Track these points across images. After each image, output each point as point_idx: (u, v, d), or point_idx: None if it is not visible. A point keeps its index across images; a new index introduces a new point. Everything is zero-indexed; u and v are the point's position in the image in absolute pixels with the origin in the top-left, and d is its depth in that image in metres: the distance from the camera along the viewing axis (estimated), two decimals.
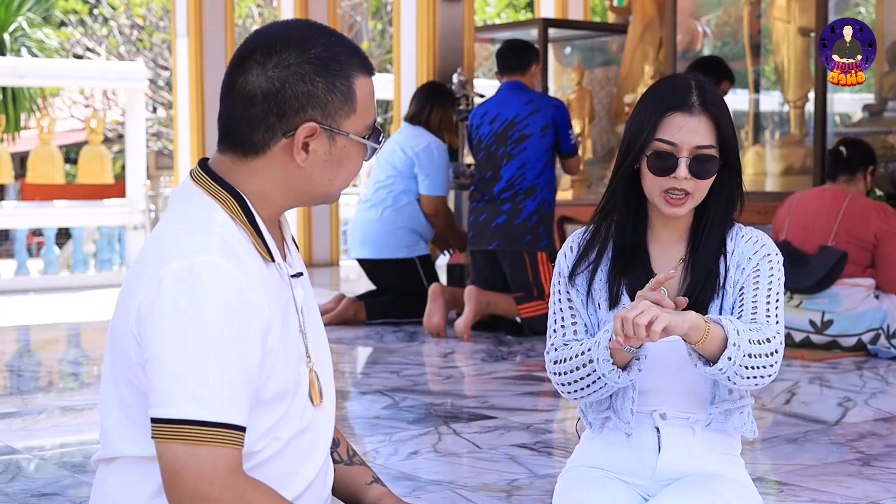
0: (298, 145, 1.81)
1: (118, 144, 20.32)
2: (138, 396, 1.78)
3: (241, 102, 1.82)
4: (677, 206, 2.23)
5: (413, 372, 5.33)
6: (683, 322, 2.06)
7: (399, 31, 8.42)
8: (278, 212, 1.89)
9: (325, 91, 1.81)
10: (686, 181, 2.21)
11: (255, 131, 1.82)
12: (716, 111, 2.23)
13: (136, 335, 1.75)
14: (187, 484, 1.69)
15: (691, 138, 2.21)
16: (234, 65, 1.84)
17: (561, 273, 2.34)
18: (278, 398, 1.83)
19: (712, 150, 2.22)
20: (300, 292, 1.90)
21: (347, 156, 1.86)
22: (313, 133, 1.82)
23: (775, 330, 2.20)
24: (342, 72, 1.82)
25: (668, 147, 2.21)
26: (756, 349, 2.13)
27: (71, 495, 3.15)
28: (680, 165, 2.20)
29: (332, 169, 1.86)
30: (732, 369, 2.11)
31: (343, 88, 1.82)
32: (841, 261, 5.55)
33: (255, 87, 1.80)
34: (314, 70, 1.81)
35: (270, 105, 1.80)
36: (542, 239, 6.25)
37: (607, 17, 11.97)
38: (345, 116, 1.83)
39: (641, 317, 2.01)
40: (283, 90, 1.80)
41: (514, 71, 6.41)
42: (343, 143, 1.84)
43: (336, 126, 1.83)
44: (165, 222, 1.85)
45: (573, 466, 2.36)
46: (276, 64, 1.80)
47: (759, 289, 2.23)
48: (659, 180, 2.22)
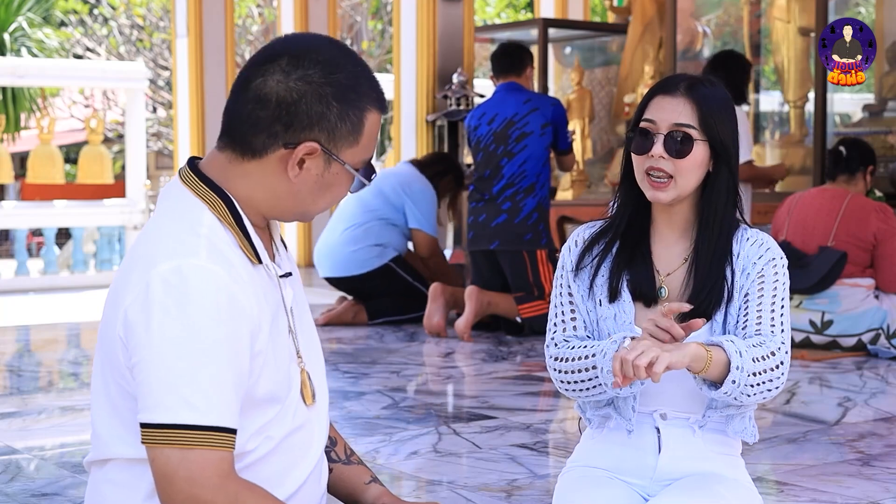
0: (295, 160, 1.82)
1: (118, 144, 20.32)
2: (127, 399, 1.78)
3: (253, 102, 1.82)
4: (659, 189, 2.22)
5: (413, 372, 5.33)
6: (684, 357, 2.06)
7: (399, 31, 8.42)
8: (262, 219, 1.89)
9: (337, 117, 1.82)
10: (663, 160, 2.20)
11: (258, 134, 1.82)
12: (700, 97, 2.22)
13: (122, 339, 1.75)
14: (180, 488, 1.69)
15: (669, 116, 2.22)
16: (255, 63, 1.84)
17: (564, 266, 2.34)
18: (270, 399, 1.83)
19: (691, 131, 2.21)
20: (289, 292, 1.90)
21: (337, 183, 1.87)
22: (313, 153, 1.82)
23: (780, 340, 2.20)
24: (358, 103, 1.84)
25: (648, 125, 2.23)
26: (760, 366, 2.14)
27: (71, 495, 3.15)
28: (656, 143, 2.21)
29: (319, 191, 1.86)
30: (737, 391, 2.12)
31: (354, 119, 1.84)
32: (841, 261, 5.55)
33: (272, 92, 1.80)
34: (333, 94, 1.81)
35: (281, 114, 1.80)
36: (542, 236, 6.26)
37: (607, 17, 11.98)
38: (347, 146, 1.85)
39: (641, 358, 2.01)
40: (298, 103, 1.80)
41: (510, 73, 6.43)
42: (337, 170, 1.85)
43: (336, 153, 1.84)
44: (153, 223, 1.84)
45: (573, 466, 2.36)
46: (299, 76, 1.80)
47: (764, 296, 2.22)
48: (640, 160, 2.24)
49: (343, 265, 6.79)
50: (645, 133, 2.23)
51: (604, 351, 2.18)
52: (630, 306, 2.25)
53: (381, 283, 6.78)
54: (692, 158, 2.21)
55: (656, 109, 2.23)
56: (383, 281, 6.77)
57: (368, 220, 6.79)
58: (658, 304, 2.25)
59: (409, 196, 6.78)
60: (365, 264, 6.75)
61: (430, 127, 8.15)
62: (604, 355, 2.17)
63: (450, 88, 7.97)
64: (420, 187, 6.82)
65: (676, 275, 2.27)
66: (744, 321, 2.22)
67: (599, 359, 2.18)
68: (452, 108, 7.90)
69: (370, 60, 19.32)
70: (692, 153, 2.21)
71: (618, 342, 2.15)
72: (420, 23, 8.15)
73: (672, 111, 2.22)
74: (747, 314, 2.22)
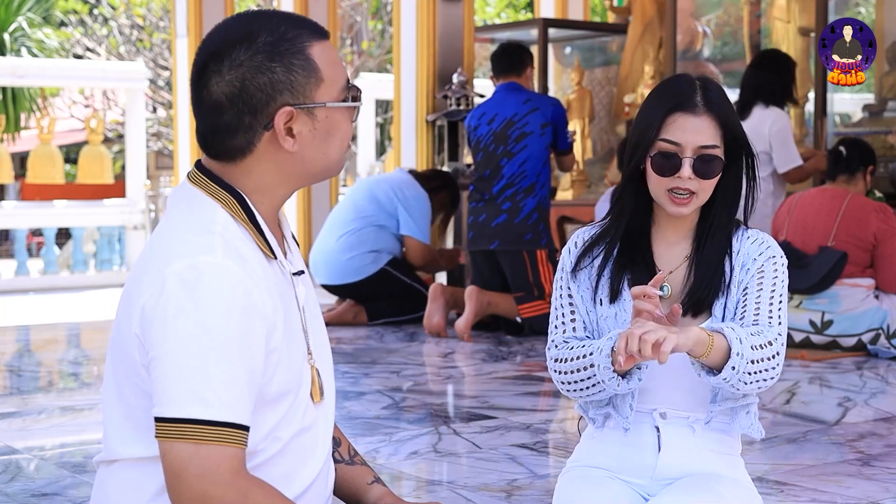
0: (282, 133, 1.81)
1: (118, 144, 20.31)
2: (142, 397, 1.78)
3: (211, 113, 1.81)
4: (682, 205, 2.23)
5: (413, 372, 5.33)
6: (688, 340, 2.06)
7: (399, 31, 8.42)
8: (280, 202, 1.89)
9: (284, 73, 1.79)
10: (690, 181, 2.21)
11: (235, 136, 1.81)
12: (720, 111, 2.22)
13: (139, 336, 1.75)
14: (190, 483, 1.69)
15: (695, 138, 2.21)
16: (193, 81, 1.84)
17: (564, 268, 2.34)
18: (281, 396, 1.83)
19: (716, 150, 2.22)
20: (301, 290, 1.91)
21: (333, 125, 1.85)
22: (291, 116, 1.80)
23: (777, 332, 2.20)
24: (294, 47, 1.80)
25: (672, 147, 2.21)
26: (758, 354, 2.14)
27: (71, 495, 3.15)
28: (684, 166, 2.20)
29: (323, 143, 1.85)
30: (736, 377, 2.12)
31: (301, 63, 1.81)
32: (841, 261, 5.55)
33: (220, 95, 1.80)
34: (267, 57, 1.79)
35: (239, 107, 1.79)
36: (542, 236, 6.27)
37: (607, 17, 11.98)
38: (314, 88, 1.82)
39: (650, 334, 2.01)
40: (245, 88, 1.79)
41: (510, 73, 6.43)
42: (324, 114, 1.83)
43: (310, 101, 1.82)
44: (166, 224, 1.84)
45: (573, 466, 2.36)
46: (229, 66, 1.79)
47: (763, 290, 2.23)
48: (664, 180, 2.22)
49: (339, 273, 6.81)
50: (669, 155, 2.21)
51: (600, 348, 2.19)
52: (630, 305, 2.25)
53: (378, 287, 6.80)
54: (717, 175, 2.23)
55: (678, 130, 2.21)
56: (381, 285, 6.79)
57: (363, 227, 6.80)
58: (660, 304, 2.25)
59: (401, 202, 6.78)
60: (361, 271, 6.77)
61: (430, 127, 8.15)
62: (600, 352, 2.18)
63: (450, 88, 7.96)
64: (413, 194, 6.82)
65: (677, 273, 2.28)
66: (741, 312, 2.23)
67: (597, 356, 2.18)
68: (452, 108, 7.90)
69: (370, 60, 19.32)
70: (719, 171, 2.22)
71: (614, 339, 2.15)
72: (420, 23, 8.15)
73: (696, 133, 2.20)
74: (745, 306, 2.23)
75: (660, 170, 2.22)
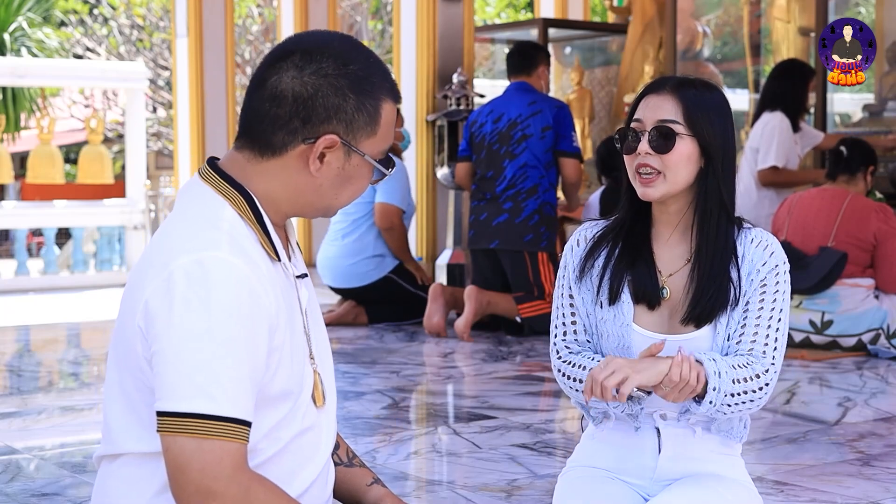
0: (315, 154, 1.83)
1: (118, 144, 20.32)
2: (144, 392, 1.78)
3: (269, 100, 1.83)
4: (648, 185, 2.22)
5: (413, 372, 5.33)
6: (657, 376, 2.09)
7: (399, 31, 8.42)
8: (282, 218, 1.90)
9: (354, 108, 1.83)
10: (650, 157, 2.21)
11: (277, 131, 1.83)
12: (685, 94, 2.22)
13: (142, 329, 1.75)
14: (193, 478, 1.69)
15: (654, 113, 2.23)
16: (269, 62, 1.85)
17: (566, 267, 2.34)
18: (283, 396, 1.83)
19: (674, 125, 2.21)
20: (304, 293, 1.92)
21: (358, 175, 1.88)
22: (333, 145, 1.83)
23: (769, 362, 2.21)
24: (374, 93, 1.84)
25: (636, 124, 2.25)
26: (740, 387, 2.16)
27: (71, 495, 3.15)
28: (642, 140, 2.22)
29: (341, 184, 1.87)
30: (714, 409, 2.15)
31: (370, 109, 1.84)
32: (841, 261, 5.55)
33: (288, 89, 1.81)
34: (348, 85, 1.82)
35: (298, 109, 1.81)
36: (542, 239, 6.26)
37: (607, 17, 11.97)
38: (365, 137, 1.85)
39: (610, 379, 2.06)
40: (314, 97, 1.81)
41: (521, 72, 6.45)
42: (357, 161, 1.86)
43: (355, 144, 1.84)
44: (173, 219, 1.85)
45: (573, 466, 2.36)
46: (313, 71, 1.81)
47: (763, 309, 2.22)
48: (630, 160, 2.25)
49: (343, 277, 6.83)
50: (633, 132, 2.24)
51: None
52: (629, 307, 2.25)
53: (382, 292, 6.82)
54: (678, 153, 2.21)
55: (643, 108, 2.25)
56: (385, 291, 6.81)
57: (354, 230, 6.82)
58: (660, 306, 2.25)
59: None
60: (365, 277, 6.78)
61: (430, 127, 8.15)
62: None
63: (450, 88, 7.96)
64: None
65: (679, 276, 2.27)
66: (739, 334, 2.22)
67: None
68: (452, 108, 7.89)
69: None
70: (676, 148, 2.21)
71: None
72: (420, 23, 8.15)
73: (657, 108, 2.23)
74: (744, 327, 2.22)
75: (625, 149, 2.25)
